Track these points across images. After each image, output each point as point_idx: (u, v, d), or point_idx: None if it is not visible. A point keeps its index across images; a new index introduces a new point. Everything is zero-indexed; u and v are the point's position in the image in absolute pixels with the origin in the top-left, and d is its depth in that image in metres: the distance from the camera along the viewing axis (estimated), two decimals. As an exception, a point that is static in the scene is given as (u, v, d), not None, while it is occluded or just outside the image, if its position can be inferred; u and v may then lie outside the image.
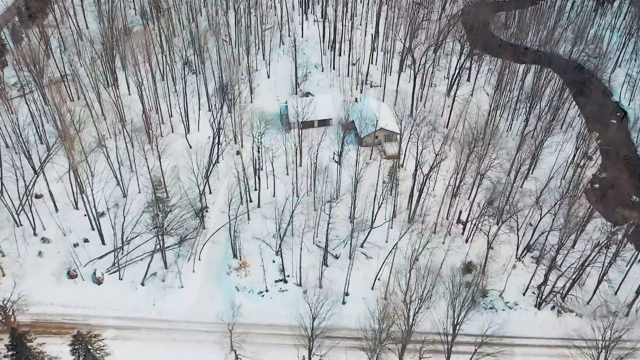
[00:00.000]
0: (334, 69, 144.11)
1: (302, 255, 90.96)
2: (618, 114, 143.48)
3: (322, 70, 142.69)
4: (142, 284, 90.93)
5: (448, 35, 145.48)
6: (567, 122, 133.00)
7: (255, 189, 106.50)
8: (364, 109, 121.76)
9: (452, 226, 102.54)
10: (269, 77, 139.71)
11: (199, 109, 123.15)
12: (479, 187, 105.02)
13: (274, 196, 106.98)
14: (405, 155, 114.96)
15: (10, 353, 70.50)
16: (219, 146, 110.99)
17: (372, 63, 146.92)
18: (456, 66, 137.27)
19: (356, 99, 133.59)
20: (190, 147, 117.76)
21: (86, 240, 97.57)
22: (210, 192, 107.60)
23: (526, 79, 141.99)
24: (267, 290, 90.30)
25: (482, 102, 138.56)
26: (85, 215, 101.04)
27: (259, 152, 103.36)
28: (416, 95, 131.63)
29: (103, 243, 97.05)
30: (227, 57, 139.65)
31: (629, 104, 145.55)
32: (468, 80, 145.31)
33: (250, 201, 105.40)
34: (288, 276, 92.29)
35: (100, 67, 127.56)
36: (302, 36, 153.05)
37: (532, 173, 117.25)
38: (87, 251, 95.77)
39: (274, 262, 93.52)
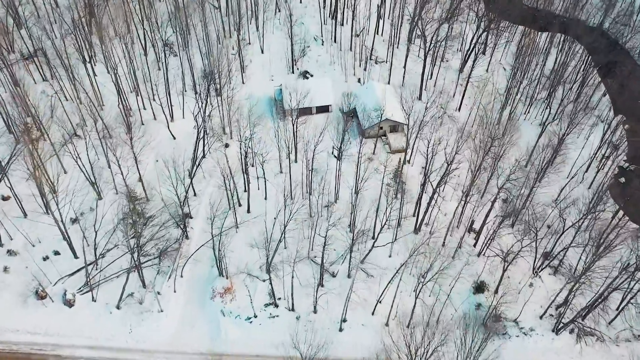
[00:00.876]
0: (335, 41, 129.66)
1: (295, 274, 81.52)
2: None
3: (322, 44, 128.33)
4: (118, 307, 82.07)
5: (462, 1, 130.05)
6: (593, 108, 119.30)
7: (245, 190, 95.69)
8: (367, 95, 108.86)
9: (463, 239, 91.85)
10: (262, 52, 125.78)
11: (184, 91, 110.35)
12: (495, 199, 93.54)
13: (265, 199, 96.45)
14: (412, 150, 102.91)
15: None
16: (205, 140, 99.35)
17: (377, 33, 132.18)
18: (471, 40, 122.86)
19: (359, 79, 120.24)
20: (174, 138, 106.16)
21: (57, 253, 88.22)
22: (195, 194, 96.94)
23: (550, 51, 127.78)
24: (255, 316, 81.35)
25: (498, 79, 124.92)
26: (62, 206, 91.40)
27: (246, 156, 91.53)
28: (426, 74, 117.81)
29: (75, 256, 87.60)
30: (216, 28, 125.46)
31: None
32: (484, 53, 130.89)
33: (240, 205, 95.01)
34: (279, 299, 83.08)
35: (75, 43, 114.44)
36: (300, 2, 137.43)
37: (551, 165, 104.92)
38: (58, 266, 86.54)
39: (264, 281, 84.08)
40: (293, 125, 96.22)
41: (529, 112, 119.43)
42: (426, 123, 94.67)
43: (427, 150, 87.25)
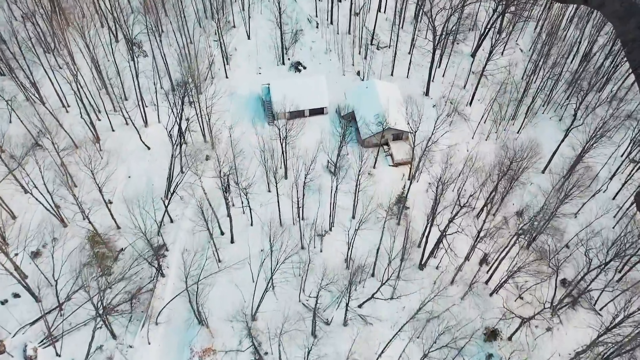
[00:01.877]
0: (332, 22, 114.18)
1: (284, 326, 71.82)
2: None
3: (317, 26, 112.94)
4: (85, 364, 73.03)
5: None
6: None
7: (228, 215, 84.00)
8: (368, 97, 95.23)
9: (475, 279, 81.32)
10: (249, 37, 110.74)
11: (156, 91, 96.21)
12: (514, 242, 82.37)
13: (251, 225, 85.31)
14: (419, 165, 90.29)
15: None
16: (182, 158, 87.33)
17: (380, 11, 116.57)
18: (487, 24, 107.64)
19: (358, 72, 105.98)
20: (149, 148, 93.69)
21: (16, 296, 78.14)
22: (172, 220, 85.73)
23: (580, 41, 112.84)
24: (239, 377, 72.47)
25: (514, 63, 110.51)
26: (16, 254, 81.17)
27: (227, 188, 79.29)
28: (434, 66, 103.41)
29: (36, 300, 77.68)
30: (195, 8, 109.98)
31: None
32: (499, 33, 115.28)
33: (222, 234, 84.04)
34: (265, 354, 73.74)
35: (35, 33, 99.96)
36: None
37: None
38: (18, 312, 76.67)
39: (249, 330, 74.30)
40: (281, 144, 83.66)
41: (548, 105, 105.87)
42: (434, 144, 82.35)
43: (436, 189, 74.78)
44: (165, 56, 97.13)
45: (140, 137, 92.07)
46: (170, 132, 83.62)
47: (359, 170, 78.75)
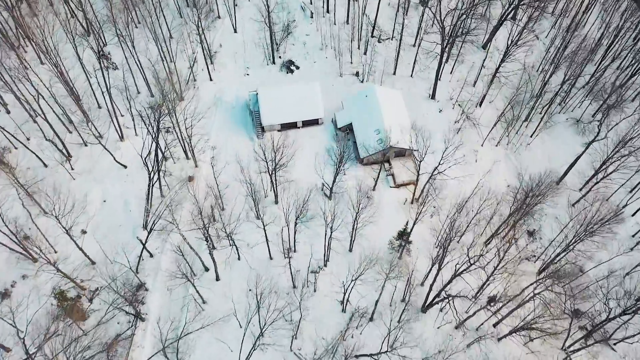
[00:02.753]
0: (327, 11, 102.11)
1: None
2: None
3: (311, 16, 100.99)
4: None
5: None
6: None
7: (211, 258, 75.22)
8: (367, 108, 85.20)
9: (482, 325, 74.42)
10: (235, 30, 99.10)
11: (130, 100, 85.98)
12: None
13: (238, 259, 77.57)
14: (425, 187, 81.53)
15: None
16: (160, 183, 78.70)
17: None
18: (501, 16, 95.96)
19: (357, 72, 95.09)
20: (125, 167, 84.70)
21: (-18, 344, 71.79)
22: (152, 255, 77.95)
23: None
24: None
25: (530, 53, 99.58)
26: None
27: (207, 238, 70.66)
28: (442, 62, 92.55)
29: (5, 350, 71.21)
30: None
31: None
32: (512, 19, 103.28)
33: (206, 270, 76.57)
34: (254, 415, 67.99)
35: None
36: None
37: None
38: (-16, 364, 70.65)
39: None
40: (270, 174, 74.62)
41: (565, 103, 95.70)
42: (440, 173, 73.45)
43: (444, 245, 66.29)
44: (141, 66, 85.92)
45: (115, 158, 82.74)
46: (145, 159, 74.52)
47: (357, 212, 70.05)
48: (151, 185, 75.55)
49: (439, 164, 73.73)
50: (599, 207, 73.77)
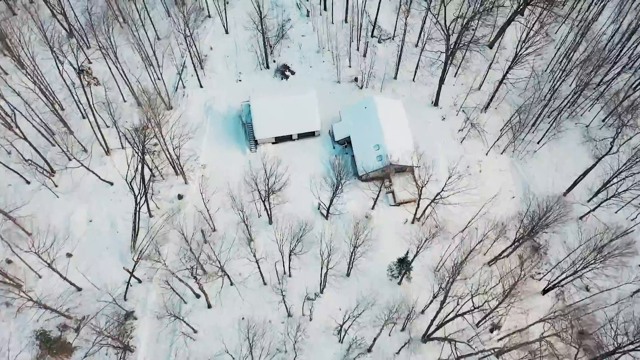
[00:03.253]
0: (325, 8, 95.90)
1: None
2: None
3: (308, 15, 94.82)
4: None
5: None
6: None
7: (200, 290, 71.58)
8: (366, 120, 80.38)
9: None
10: (227, 31, 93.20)
11: (112, 113, 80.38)
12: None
13: (230, 284, 74.12)
14: (428, 207, 77.33)
15: None
16: (148, 204, 74.71)
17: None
18: (509, 16, 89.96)
19: (355, 78, 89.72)
20: (111, 184, 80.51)
21: (-34, 378, 69.26)
22: (140, 281, 74.49)
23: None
24: None
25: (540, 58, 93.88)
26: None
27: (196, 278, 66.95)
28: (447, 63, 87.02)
29: (-11, 384, 68.87)
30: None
31: None
32: (521, 13, 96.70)
33: (197, 297, 73.26)
34: None
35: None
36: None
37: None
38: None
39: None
40: (263, 200, 70.54)
41: (575, 108, 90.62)
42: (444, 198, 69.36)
43: (446, 286, 62.64)
44: (126, 77, 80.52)
45: (100, 177, 78.43)
46: (131, 183, 70.25)
47: (355, 247, 66.25)
48: (138, 210, 71.61)
49: (442, 190, 69.55)
50: (612, 237, 69.66)
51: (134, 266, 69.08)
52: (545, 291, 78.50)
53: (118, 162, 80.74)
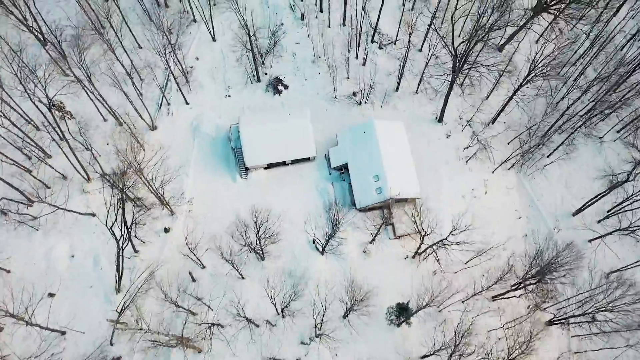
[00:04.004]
0: (321, 10, 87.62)
1: None
2: None
3: (302, 19, 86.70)
4: None
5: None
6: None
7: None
8: (365, 146, 74.48)
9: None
10: (214, 38, 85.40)
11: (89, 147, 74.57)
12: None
13: (222, 326, 70.84)
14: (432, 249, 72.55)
15: None
16: (132, 243, 70.18)
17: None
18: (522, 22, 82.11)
19: (354, 92, 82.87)
20: (94, 214, 75.65)
21: None
22: (127, 325, 70.92)
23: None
24: None
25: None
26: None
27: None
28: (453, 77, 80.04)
29: None
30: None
31: None
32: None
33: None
34: None
35: None
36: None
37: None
38: None
39: None
40: (254, 249, 65.88)
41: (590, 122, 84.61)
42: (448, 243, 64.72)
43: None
44: (104, 100, 73.90)
45: (80, 213, 73.40)
46: (111, 228, 65.42)
47: (349, 309, 62.19)
48: (121, 253, 67.16)
49: (445, 238, 64.88)
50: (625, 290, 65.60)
51: (118, 318, 65.45)
52: (550, 323, 75.47)
53: (99, 190, 75.70)
